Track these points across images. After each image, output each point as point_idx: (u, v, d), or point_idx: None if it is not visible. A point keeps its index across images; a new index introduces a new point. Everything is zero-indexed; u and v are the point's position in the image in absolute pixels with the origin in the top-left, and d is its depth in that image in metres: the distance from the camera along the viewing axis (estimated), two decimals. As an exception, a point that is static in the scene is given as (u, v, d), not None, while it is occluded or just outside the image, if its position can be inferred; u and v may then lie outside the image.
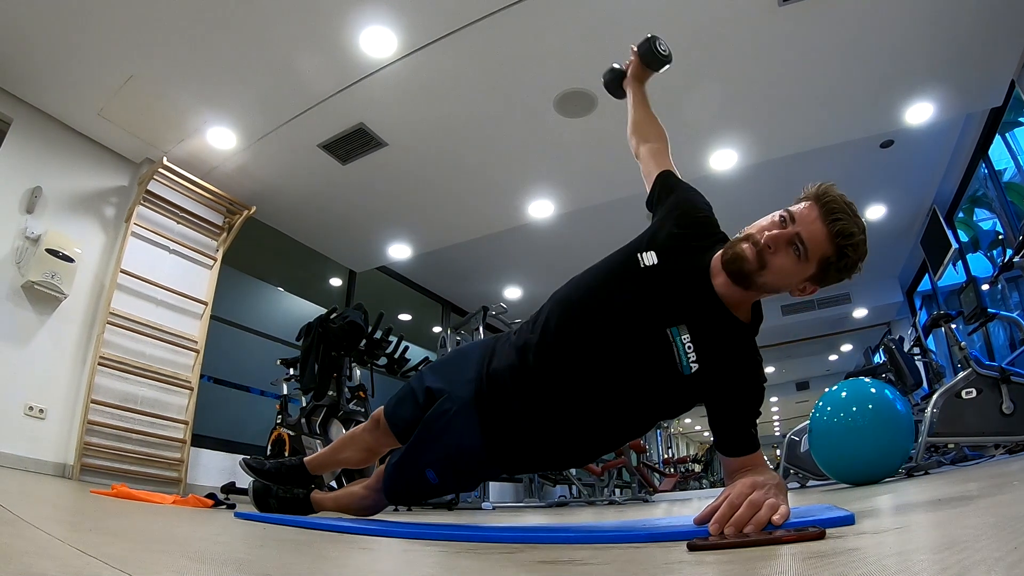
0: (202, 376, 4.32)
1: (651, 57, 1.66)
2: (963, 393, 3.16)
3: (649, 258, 1.27)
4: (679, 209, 1.39)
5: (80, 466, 3.41)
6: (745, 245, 1.17)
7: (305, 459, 1.94)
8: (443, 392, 1.46)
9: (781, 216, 1.16)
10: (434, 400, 1.47)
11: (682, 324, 1.19)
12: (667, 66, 1.69)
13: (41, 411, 3.47)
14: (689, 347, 1.18)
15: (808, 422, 3.33)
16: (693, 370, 1.18)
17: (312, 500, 1.90)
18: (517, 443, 1.37)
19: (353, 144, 4.24)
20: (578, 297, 1.34)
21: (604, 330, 1.25)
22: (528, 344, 1.36)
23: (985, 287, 3.86)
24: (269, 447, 4.15)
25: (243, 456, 2.05)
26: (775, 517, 0.89)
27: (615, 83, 1.78)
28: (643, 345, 1.21)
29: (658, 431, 12.51)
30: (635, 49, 1.71)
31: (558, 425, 1.31)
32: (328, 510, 1.91)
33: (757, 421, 1.22)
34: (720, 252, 1.22)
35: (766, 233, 1.16)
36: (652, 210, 1.50)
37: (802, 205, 1.16)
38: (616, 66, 1.79)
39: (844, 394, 3.14)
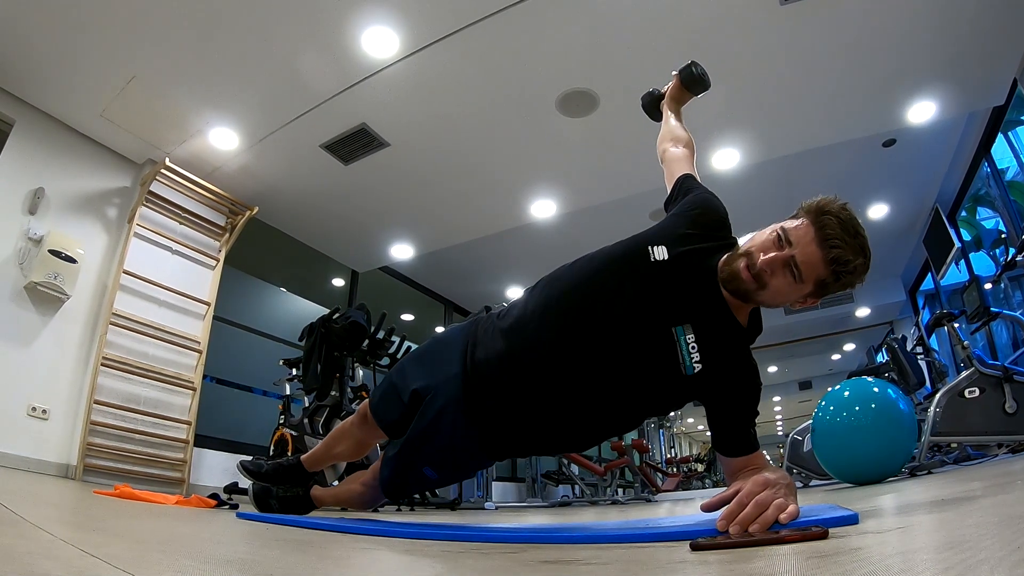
0: (205, 376, 4.32)
1: (691, 80, 1.73)
2: (966, 392, 3.15)
3: (660, 252, 1.24)
4: (694, 209, 1.38)
5: (83, 466, 3.42)
6: (742, 264, 1.16)
7: (302, 457, 1.95)
8: (429, 390, 1.41)
9: (777, 235, 1.15)
10: (420, 400, 1.42)
11: (687, 323, 1.18)
12: (705, 91, 1.76)
13: (44, 412, 3.48)
14: (693, 347, 1.17)
15: (811, 421, 3.32)
16: (696, 370, 1.17)
17: (312, 496, 1.91)
18: (508, 433, 1.36)
19: (355, 144, 4.24)
20: (579, 285, 1.30)
21: (607, 323, 1.22)
22: (519, 331, 1.31)
23: (988, 286, 3.85)
24: (272, 447, 4.15)
25: (242, 458, 2.06)
26: (782, 516, 0.89)
27: (653, 105, 1.85)
28: (647, 342, 1.19)
29: (661, 431, 12.49)
30: (676, 73, 1.77)
31: (549, 417, 1.30)
32: (329, 505, 1.92)
33: (756, 421, 1.23)
34: (721, 263, 1.22)
35: (762, 256, 1.14)
36: (669, 211, 1.49)
37: (799, 222, 1.15)
38: (654, 90, 1.85)
39: (847, 393, 3.13)
